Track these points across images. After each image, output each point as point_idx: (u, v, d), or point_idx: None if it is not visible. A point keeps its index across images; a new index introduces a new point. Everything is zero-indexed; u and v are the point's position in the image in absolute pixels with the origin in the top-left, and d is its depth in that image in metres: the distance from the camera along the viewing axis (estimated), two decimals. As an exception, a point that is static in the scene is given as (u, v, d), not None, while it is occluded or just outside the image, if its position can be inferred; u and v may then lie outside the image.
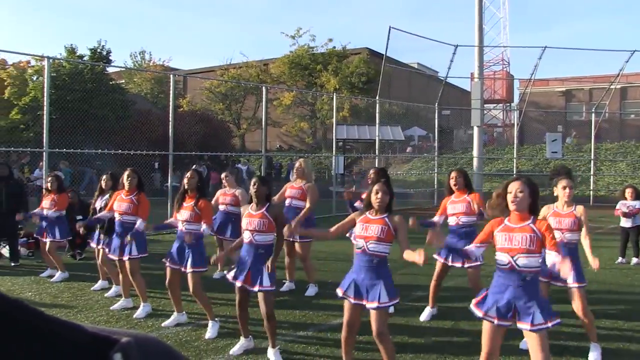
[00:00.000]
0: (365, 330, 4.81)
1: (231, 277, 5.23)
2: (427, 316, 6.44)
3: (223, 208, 8.52)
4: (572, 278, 5.11)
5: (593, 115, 23.52)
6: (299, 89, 36.75)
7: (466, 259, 5.93)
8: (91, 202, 8.14)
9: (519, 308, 3.77)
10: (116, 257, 6.71)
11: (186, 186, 6.06)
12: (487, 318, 3.87)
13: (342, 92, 35.01)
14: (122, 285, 6.94)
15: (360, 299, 4.38)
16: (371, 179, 6.75)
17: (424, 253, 4.12)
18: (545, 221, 4.03)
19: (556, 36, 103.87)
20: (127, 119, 23.83)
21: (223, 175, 8.81)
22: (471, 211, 6.36)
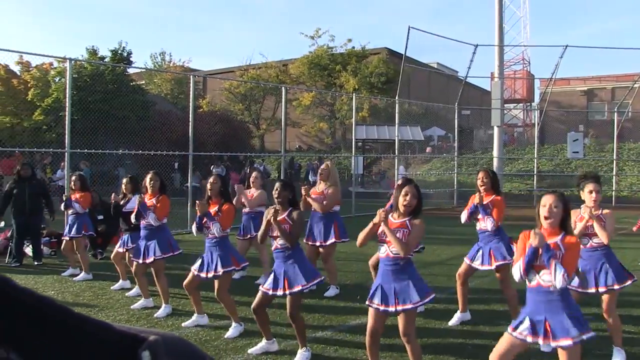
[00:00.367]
0: (388, 332, 4.78)
1: (269, 287, 5.10)
2: (456, 321, 6.22)
3: (246, 210, 8.35)
4: (607, 281, 5.03)
5: (615, 114, 23.22)
6: (318, 90, 36.81)
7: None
8: (111, 203, 8.21)
9: (552, 325, 3.66)
10: (141, 261, 6.72)
11: (209, 192, 6.02)
12: (518, 336, 3.75)
13: (362, 92, 34.98)
14: (140, 285, 7.02)
15: (387, 305, 4.30)
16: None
17: (383, 213, 4.25)
18: (574, 239, 3.85)
19: (578, 35, 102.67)
20: (147, 119, 24.03)
21: (253, 175, 8.63)
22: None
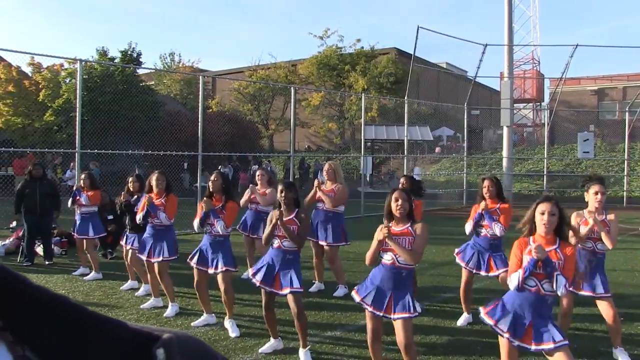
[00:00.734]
0: (391, 331, 4.77)
1: (258, 281, 5.17)
2: (463, 322, 6.27)
3: (254, 207, 8.36)
4: (601, 288, 5.04)
5: (627, 114, 23.07)
6: (327, 90, 36.82)
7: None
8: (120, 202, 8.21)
9: (536, 329, 3.68)
10: (145, 258, 6.76)
11: (211, 189, 6.06)
12: (497, 329, 3.81)
13: (371, 92, 34.95)
14: (151, 285, 7.03)
15: (378, 308, 4.31)
16: (403, 187, 6.72)
17: (385, 230, 4.20)
18: (571, 247, 3.83)
19: (588, 34, 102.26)
20: (156, 120, 24.11)
21: (259, 172, 8.65)
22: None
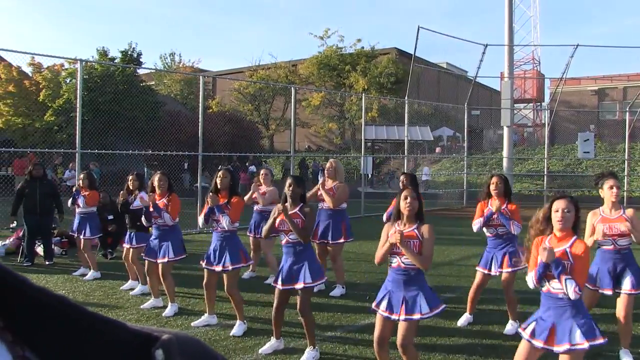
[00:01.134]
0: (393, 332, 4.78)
1: (279, 283, 5.14)
2: (463, 322, 6.24)
3: (257, 208, 8.31)
4: (629, 284, 5.00)
5: (627, 114, 23.05)
6: (327, 90, 36.84)
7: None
8: (120, 202, 8.20)
9: (558, 330, 3.66)
10: (153, 260, 6.71)
11: (219, 185, 6.02)
12: (525, 337, 3.80)
13: (371, 92, 34.96)
14: (151, 285, 7.00)
15: (392, 312, 4.26)
16: (403, 184, 6.70)
17: (398, 235, 4.14)
18: (584, 246, 3.76)
19: (589, 34, 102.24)
20: (157, 120, 24.10)
21: (263, 171, 8.59)
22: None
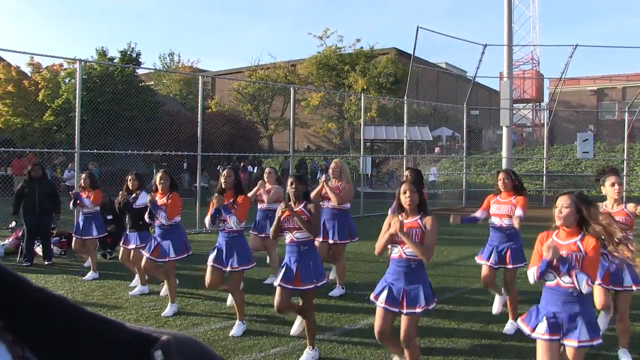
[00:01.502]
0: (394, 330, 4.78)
1: (279, 282, 5.13)
2: (497, 309, 6.39)
3: (262, 207, 8.27)
4: (629, 279, 5.00)
5: (626, 114, 23.09)
6: (326, 90, 36.83)
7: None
8: (119, 201, 8.18)
9: (565, 324, 3.67)
10: (149, 255, 6.72)
11: (224, 185, 5.98)
12: (537, 336, 3.77)
13: (370, 92, 34.96)
14: (139, 273, 7.43)
15: (393, 305, 4.27)
16: (407, 179, 6.70)
17: (397, 223, 4.11)
18: (594, 240, 3.72)
19: (588, 34, 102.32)
20: (156, 120, 24.11)
21: (267, 170, 8.56)
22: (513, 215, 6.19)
